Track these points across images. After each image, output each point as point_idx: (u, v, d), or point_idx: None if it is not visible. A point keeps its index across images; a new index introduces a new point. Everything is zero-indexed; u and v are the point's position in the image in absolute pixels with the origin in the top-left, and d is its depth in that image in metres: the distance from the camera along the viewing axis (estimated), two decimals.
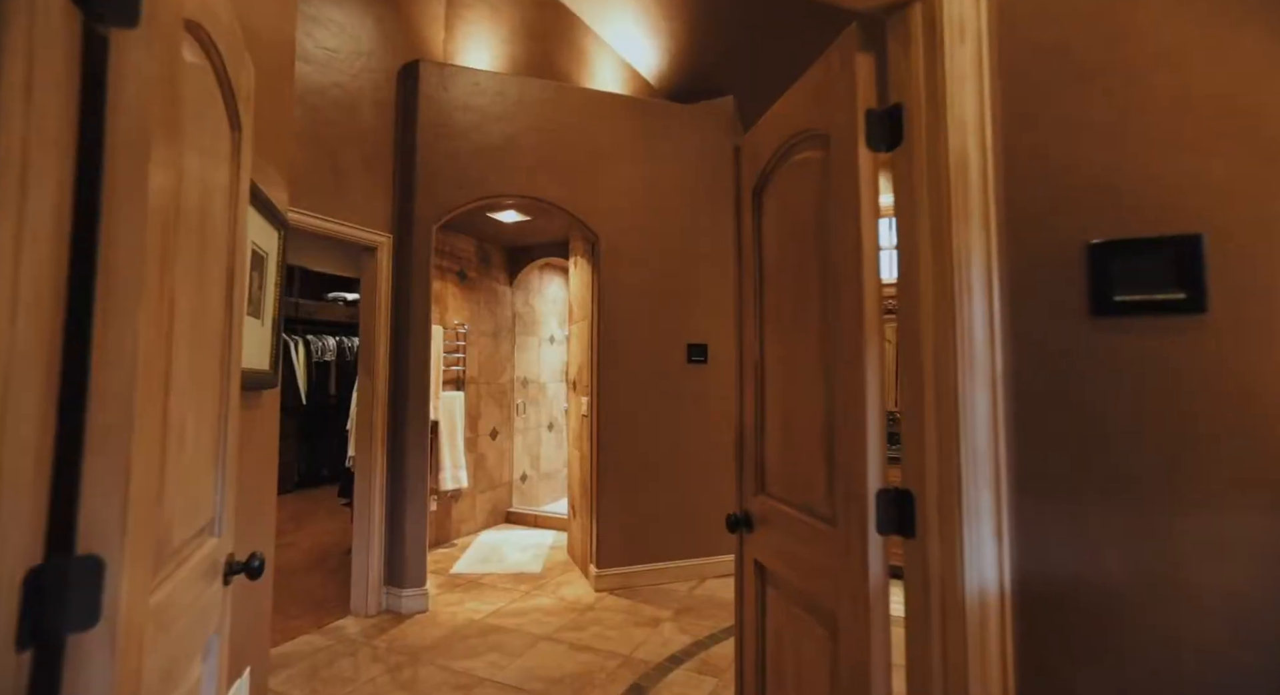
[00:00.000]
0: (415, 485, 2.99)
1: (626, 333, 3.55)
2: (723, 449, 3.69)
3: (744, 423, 1.57)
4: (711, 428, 3.68)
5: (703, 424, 3.66)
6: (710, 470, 3.65)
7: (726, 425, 3.71)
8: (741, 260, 1.64)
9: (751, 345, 1.58)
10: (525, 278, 5.27)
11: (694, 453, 3.63)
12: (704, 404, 3.68)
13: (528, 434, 5.29)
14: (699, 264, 3.74)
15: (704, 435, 3.66)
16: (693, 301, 3.71)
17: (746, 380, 1.58)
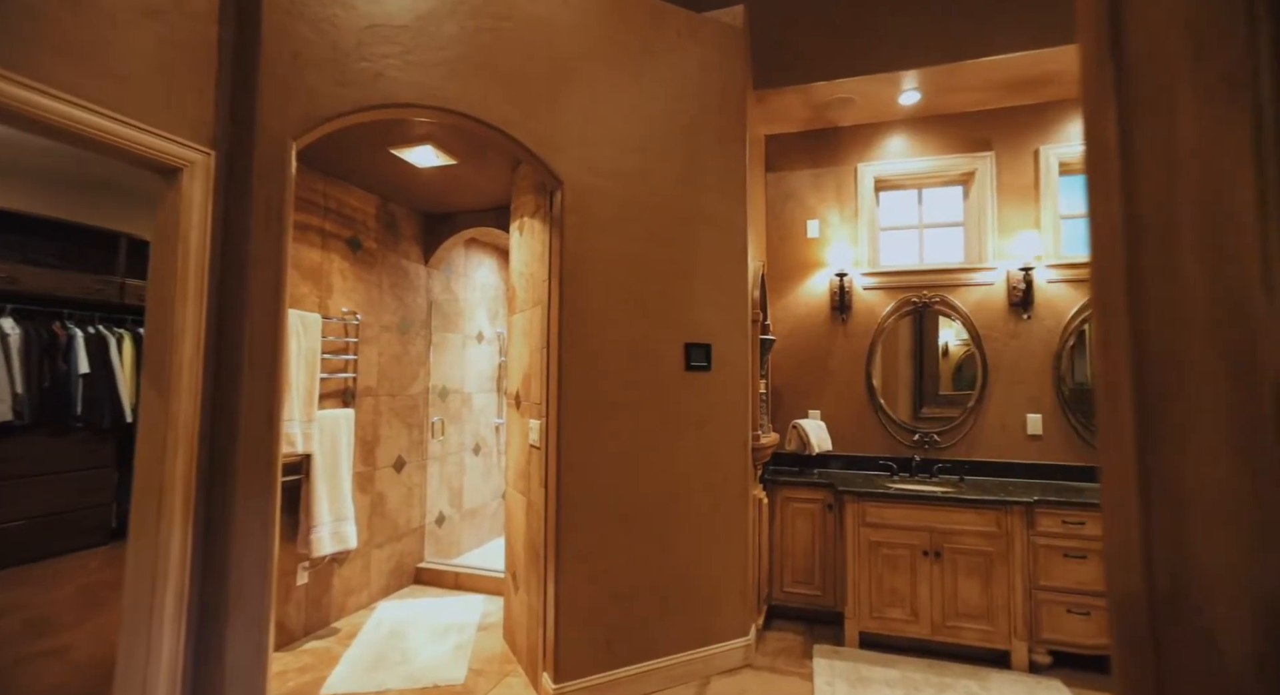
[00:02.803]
0: (247, 581, 1.71)
1: (600, 326, 2.43)
2: (732, 487, 2.65)
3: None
4: (717, 459, 2.63)
5: (706, 455, 2.60)
6: (716, 519, 2.60)
7: (737, 455, 2.67)
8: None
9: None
10: (448, 255, 4.00)
11: (693, 497, 2.56)
12: (708, 428, 2.62)
13: (446, 462, 4.01)
14: (701, 229, 2.68)
15: (707, 471, 2.60)
16: (693, 282, 2.65)
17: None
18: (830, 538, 3.07)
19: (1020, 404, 3.20)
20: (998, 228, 3.28)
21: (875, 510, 2.84)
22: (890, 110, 3.37)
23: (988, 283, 3.28)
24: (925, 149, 3.43)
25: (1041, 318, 3.19)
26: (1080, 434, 3.10)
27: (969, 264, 3.34)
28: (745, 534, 2.69)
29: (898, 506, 2.81)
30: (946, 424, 3.29)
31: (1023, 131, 3.28)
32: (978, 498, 2.71)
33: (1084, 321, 3.12)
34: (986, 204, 3.30)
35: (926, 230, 3.55)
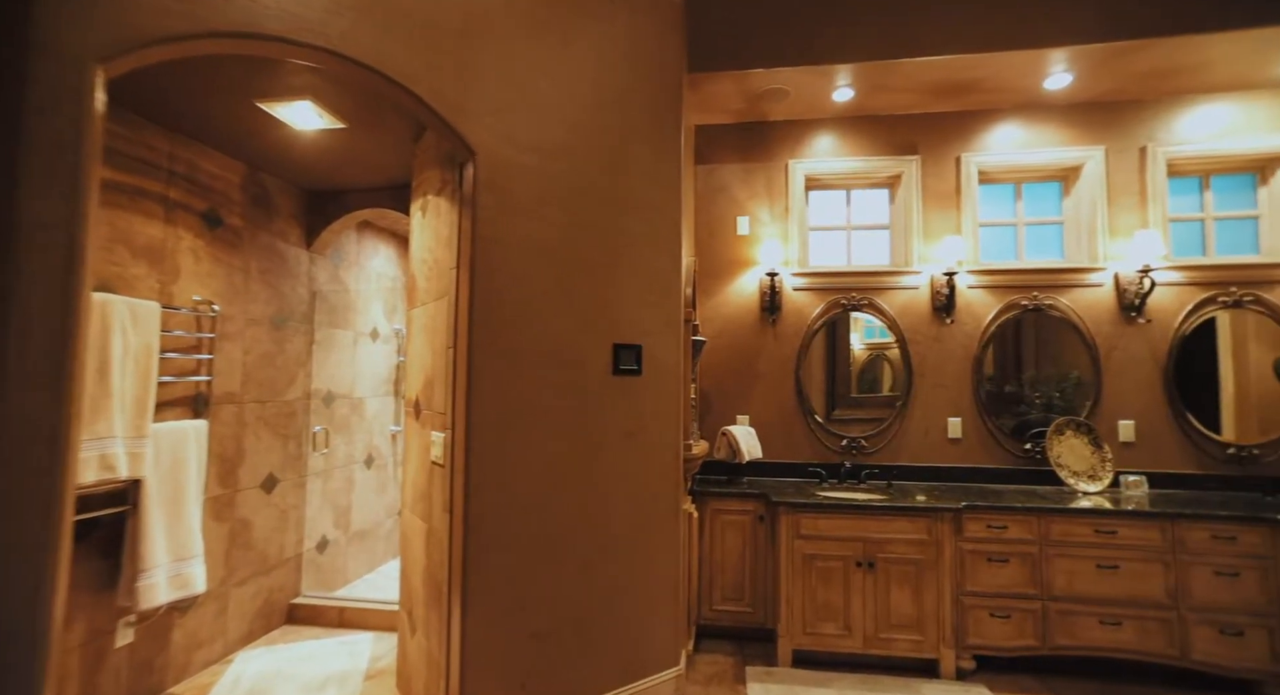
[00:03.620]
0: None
1: (518, 322, 2.10)
2: (663, 504, 2.40)
3: None
4: (648, 473, 2.37)
5: (635, 469, 2.33)
6: (646, 540, 2.34)
7: (668, 468, 2.43)
8: None
9: None
10: (336, 239, 3.46)
11: (622, 516, 2.29)
12: (638, 438, 2.35)
13: (331, 477, 3.47)
14: (632, 218, 2.41)
15: (637, 486, 2.33)
16: (623, 276, 2.37)
17: None
18: (761, 551, 2.91)
19: (942, 408, 3.21)
20: (923, 232, 3.29)
21: (810, 521, 2.71)
22: (823, 107, 3.29)
23: (913, 286, 3.27)
24: (854, 149, 3.38)
25: (962, 322, 3.22)
26: (996, 437, 3.16)
27: (895, 267, 3.32)
28: (677, 554, 2.45)
29: (832, 517, 2.69)
30: (876, 426, 3.25)
31: (946, 138, 3.30)
32: (910, 505, 2.65)
33: (1000, 326, 3.19)
34: (912, 208, 3.29)
35: (854, 232, 3.51)
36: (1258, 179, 3.21)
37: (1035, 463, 3.10)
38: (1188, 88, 3.07)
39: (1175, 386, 3.04)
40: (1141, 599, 2.56)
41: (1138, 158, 3.15)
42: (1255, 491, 2.94)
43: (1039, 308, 3.16)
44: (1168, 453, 3.04)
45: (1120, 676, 2.64)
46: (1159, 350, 3.08)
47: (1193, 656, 2.53)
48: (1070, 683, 2.59)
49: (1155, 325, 3.08)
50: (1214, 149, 3.10)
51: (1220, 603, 2.52)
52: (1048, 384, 3.14)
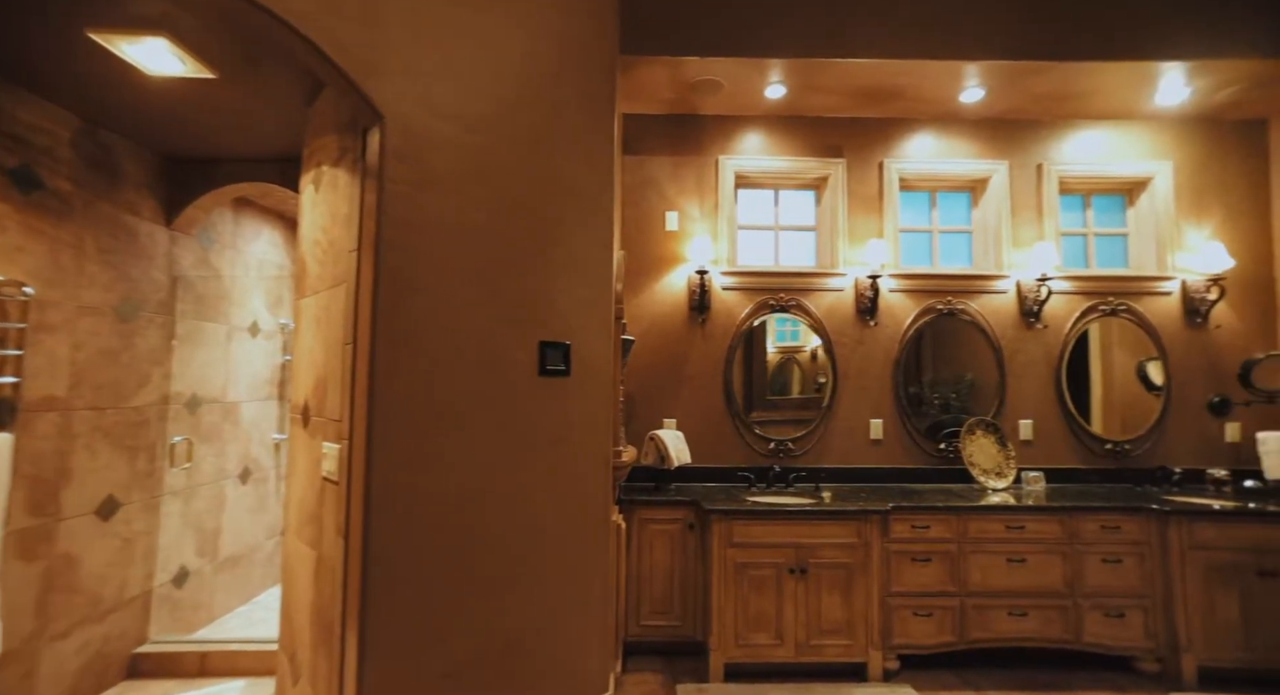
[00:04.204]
0: None
1: (433, 315, 1.82)
2: (592, 516, 2.19)
3: None
4: (576, 484, 2.15)
5: (563, 480, 2.11)
6: (573, 557, 2.12)
7: (598, 477, 2.23)
8: None
9: None
10: (205, 217, 2.94)
11: (548, 533, 2.06)
12: (566, 446, 2.13)
13: (195, 496, 2.94)
14: (563, 204, 2.19)
15: (564, 499, 2.11)
16: (553, 267, 2.15)
17: None
18: (691, 560, 2.79)
19: (865, 409, 3.26)
20: (848, 235, 3.33)
21: (742, 528, 2.62)
22: (754, 103, 3.23)
23: (839, 288, 3.30)
24: (783, 149, 3.37)
25: (885, 325, 3.29)
26: (914, 437, 3.25)
27: (822, 269, 3.33)
28: (608, 570, 2.26)
29: (765, 523, 2.62)
30: (803, 428, 3.24)
31: (870, 143, 3.37)
32: (841, 509, 2.63)
33: (918, 330, 3.29)
34: (838, 210, 3.32)
35: (782, 233, 3.49)
36: (1126, 200, 3.54)
37: (949, 462, 3.22)
38: (1077, 112, 3.32)
39: (1065, 388, 3.28)
40: (1044, 589, 2.70)
41: (1035, 174, 3.37)
42: (1129, 482, 3.23)
43: (952, 312, 3.29)
44: (1060, 449, 3.27)
45: (1025, 663, 2.78)
46: (1052, 354, 3.30)
47: (1084, 639, 2.70)
48: (983, 674, 2.68)
49: (1050, 331, 3.31)
50: (1095, 171, 3.38)
51: (1106, 588, 2.72)
52: (945, 386, 3.27)
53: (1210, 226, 3.39)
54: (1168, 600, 2.70)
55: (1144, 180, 3.43)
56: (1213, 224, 3.39)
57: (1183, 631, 2.66)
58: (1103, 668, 2.76)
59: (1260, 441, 3.18)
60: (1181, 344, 3.33)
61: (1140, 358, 3.34)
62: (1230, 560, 2.69)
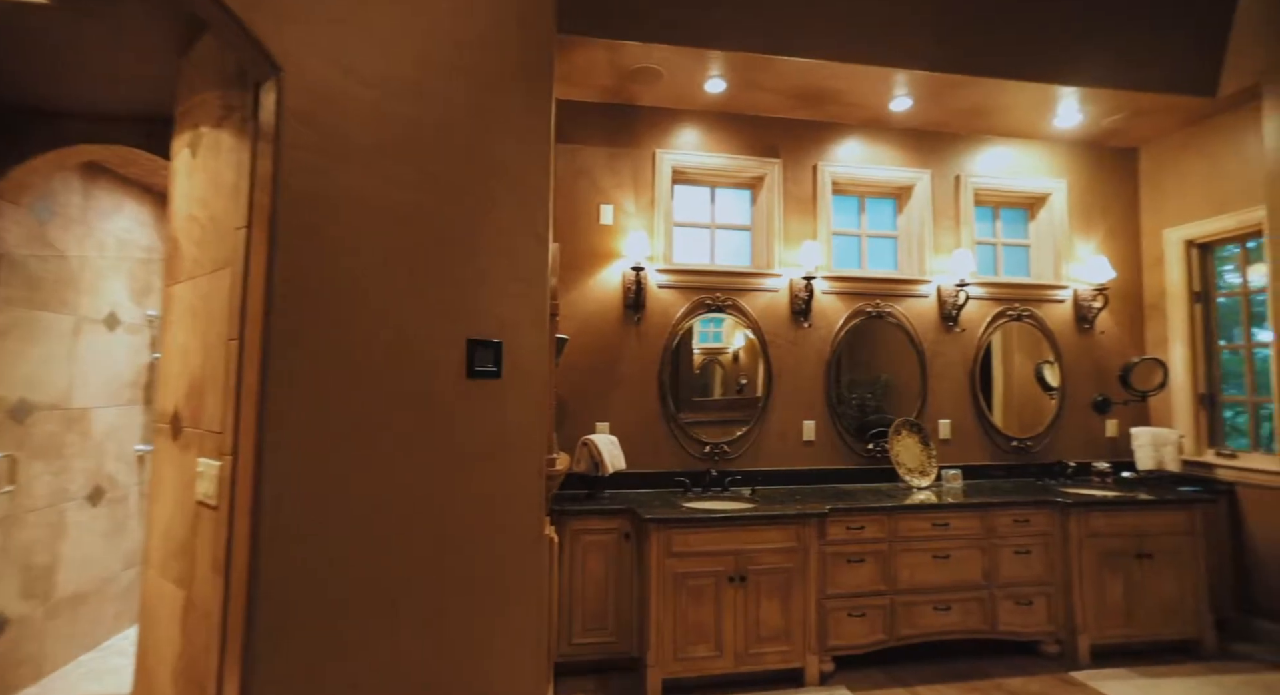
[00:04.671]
0: None
1: (344, 307, 1.56)
2: (525, 533, 1.99)
3: None
4: (509, 498, 1.94)
5: (493, 494, 1.89)
6: (505, 581, 1.90)
7: (531, 489, 2.02)
8: None
9: None
10: (42, 183, 2.42)
11: (477, 555, 1.83)
12: (497, 456, 1.91)
13: (22, 524, 2.42)
14: (496, 187, 1.97)
15: (495, 515, 1.89)
16: (483, 256, 1.92)
17: None
18: (627, 573, 2.65)
19: (798, 410, 3.27)
20: (783, 236, 3.32)
21: (681, 537, 2.51)
22: (693, 97, 3.14)
23: (774, 289, 3.29)
24: (720, 146, 3.30)
25: (818, 326, 3.31)
26: (844, 438, 3.30)
27: (758, 269, 3.30)
28: (541, 593, 2.06)
29: (705, 531, 2.52)
30: (738, 429, 3.18)
31: (806, 145, 3.38)
32: (780, 513, 2.59)
33: (849, 332, 3.34)
34: (774, 211, 3.31)
35: (717, 232, 3.43)
36: (1029, 214, 3.81)
37: (876, 461, 3.29)
38: (991, 129, 3.52)
39: (979, 389, 3.46)
40: (966, 583, 2.81)
41: (954, 185, 3.53)
42: (1031, 477, 3.46)
43: (880, 314, 3.37)
44: (974, 447, 3.44)
45: (946, 655, 2.88)
46: (968, 356, 3.47)
47: (999, 628, 2.83)
48: (910, 669, 2.75)
49: (966, 334, 3.48)
50: (1004, 185, 3.60)
51: (1018, 578, 2.87)
52: (862, 387, 3.35)
53: (1096, 241, 3.71)
54: (1067, 586, 2.89)
55: (1043, 196, 3.69)
56: (1098, 239, 3.72)
57: (1079, 614, 2.86)
58: (1013, 653, 2.91)
59: (1134, 436, 3.52)
60: (1073, 348, 3.61)
61: (1038, 361, 3.59)
62: (1117, 546, 2.93)
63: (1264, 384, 3.30)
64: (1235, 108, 3.28)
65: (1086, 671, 2.77)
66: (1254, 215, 3.20)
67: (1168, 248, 3.63)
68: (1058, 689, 2.62)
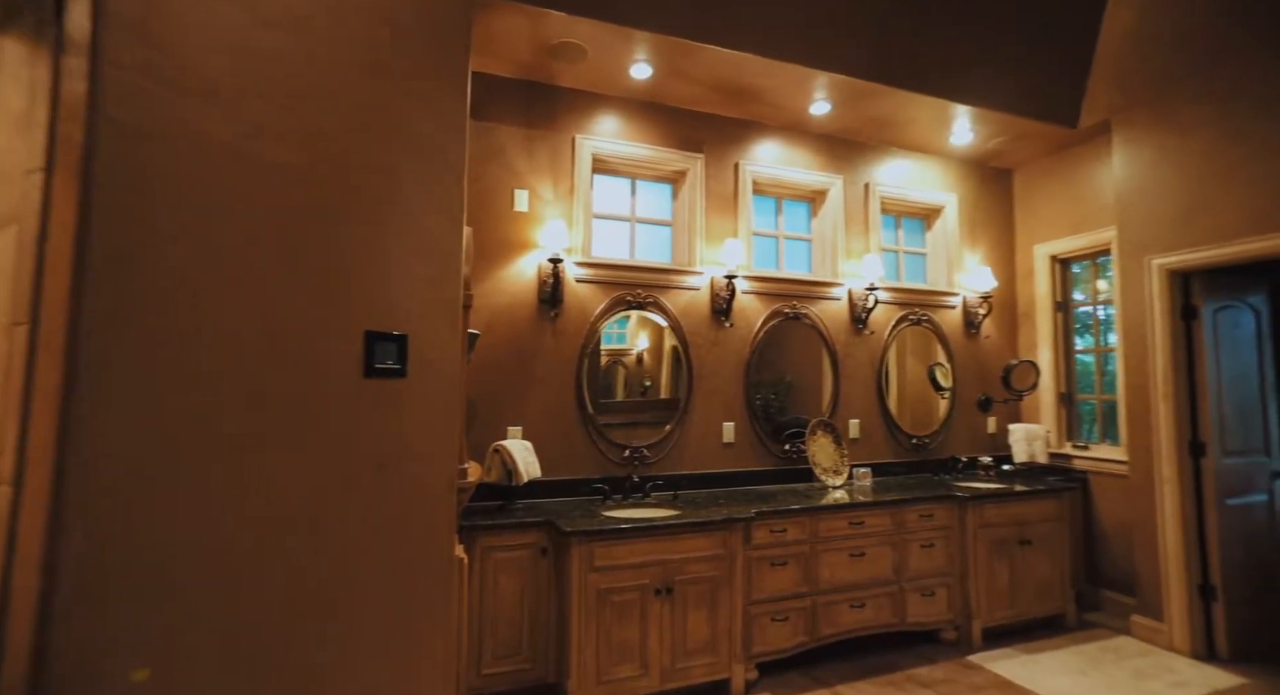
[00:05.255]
0: None
1: (192, 284, 1.21)
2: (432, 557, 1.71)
3: None
4: (413, 518, 1.65)
5: (395, 514, 1.59)
6: (410, 615, 1.61)
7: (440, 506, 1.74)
8: None
9: None
10: None
11: (375, 588, 1.53)
12: (399, 469, 1.62)
13: None
14: (401, 155, 1.67)
15: (397, 540, 1.60)
16: (387, 233, 1.62)
17: None
18: (544, 591, 2.41)
19: (718, 412, 3.20)
20: (705, 233, 3.24)
21: (605, 550, 2.32)
22: (617, 82, 2.97)
23: (695, 287, 3.20)
24: (643, 136, 3.16)
25: (738, 326, 3.27)
26: (762, 439, 3.27)
27: (680, 266, 3.19)
28: (450, 624, 1.78)
29: (630, 542, 2.35)
30: (658, 432, 3.05)
31: (728, 142, 3.33)
32: (707, 519, 2.48)
33: (768, 332, 3.33)
34: (696, 207, 3.22)
35: (638, 226, 3.28)
36: (925, 224, 4.05)
37: (793, 462, 3.30)
38: (897, 140, 3.68)
39: (885, 389, 3.60)
40: (879, 579, 2.87)
41: (864, 192, 3.66)
42: (929, 472, 3.66)
43: (798, 316, 3.39)
44: (880, 445, 3.57)
45: (860, 651, 2.92)
46: (875, 357, 3.60)
47: (908, 620, 2.93)
48: (829, 669, 2.76)
49: (875, 336, 3.60)
50: (905, 195, 3.79)
51: (923, 570, 2.99)
52: (766, 387, 3.36)
53: (981, 253, 4.02)
54: (964, 575, 3.06)
55: (938, 208, 3.94)
56: (983, 251, 4.03)
57: (974, 601, 3.04)
58: (917, 643, 3.03)
59: (1010, 432, 3.84)
60: (962, 351, 3.88)
61: (930, 362, 3.81)
62: (1004, 535, 3.14)
63: (1110, 383, 3.72)
64: (1091, 139, 3.67)
65: (981, 654, 2.94)
66: (1104, 235, 3.61)
67: (1037, 261, 4.00)
68: (961, 674, 2.74)
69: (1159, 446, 3.12)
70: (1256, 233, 2.79)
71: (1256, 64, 2.81)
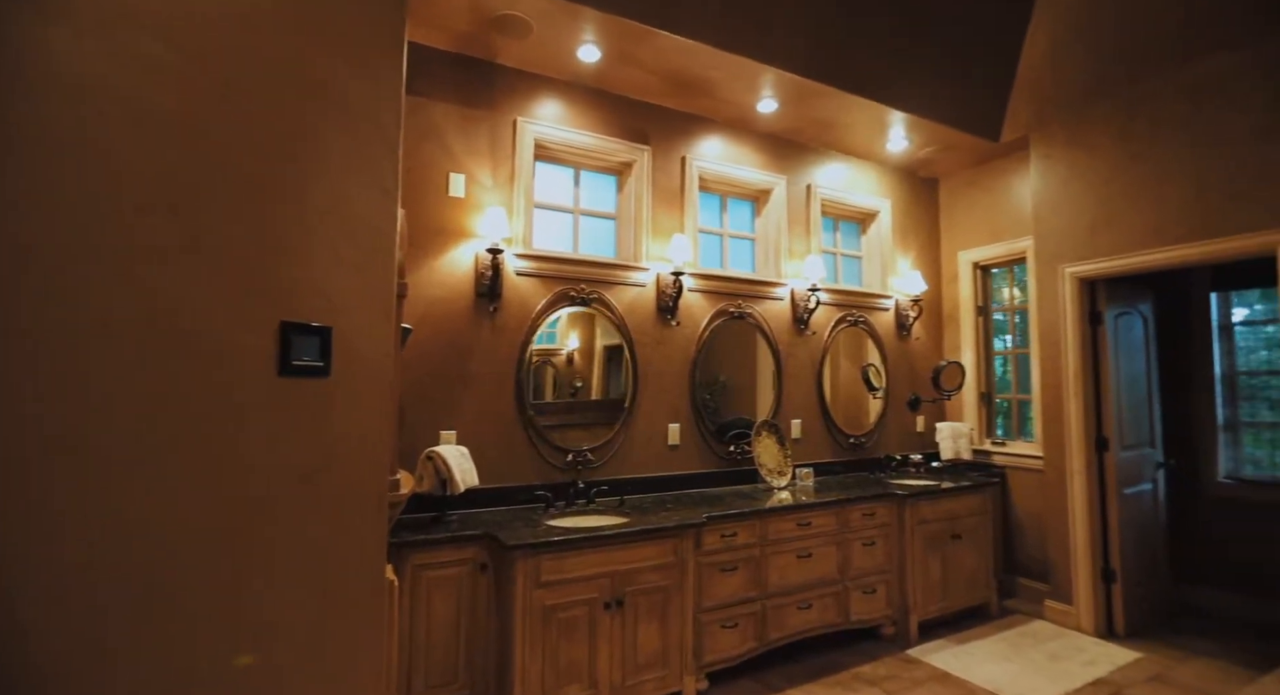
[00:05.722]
0: None
1: (56, 263, 0.95)
2: (360, 581, 1.48)
3: None
4: (343, 536, 1.42)
5: (325, 531, 1.36)
6: (345, 646, 1.38)
7: (369, 522, 1.52)
8: None
9: None
10: None
11: (298, 619, 1.29)
12: (327, 479, 1.38)
13: None
14: (325, 118, 1.45)
15: (319, 564, 1.36)
16: (307, 209, 1.39)
17: None
18: (482, 612, 2.21)
19: (664, 413, 3.10)
20: (652, 228, 3.13)
21: (553, 563, 2.15)
22: (563, 64, 2.81)
23: (641, 284, 3.08)
24: (589, 124, 3.01)
25: (684, 325, 3.18)
26: (707, 440, 3.21)
27: (625, 262, 3.07)
28: (379, 658, 1.56)
29: (579, 554, 2.20)
30: (602, 434, 2.90)
31: (676, 135, 3.24)
32: (659, 526, 2.37)
33: (713, 331, 3.27)
34: (643, 200, 3.11)
35: (581, 219, 3.13)
36: (861, 228, 4.15)
37: (737, 463, 3.26)
38: (837, 144, 3.74)
39: (825, 389, 3.64)
40: (825, 579, 2.87)
41: (806, 193, 3.69)
42: (865, 471, 3.73)
43: (742, 315, 3.36)
44: (821, 445, 3.61)
45: (806, 652, 2.91)
46: (815, 357, 3.64)
47: (851, 618, 2.95)
48: (778, 672, 2.72)
49: (816, 337, 3.63)
50: (844, 198, 3.86)
51: (865, 568, 3.02)
52: (702, 388, 3.29)
53: (911, 257, 4.17)
54: (902, 571, 3.13)
55: (874, 212, 4.04)
56: (913, 255, 4.18)
57: (911, 595, 3.11)
58: (859, 640, 3.06)
59: (937, 430, 4.00)
60: (895, 352, 4.00)
61: (864, 363, 3.91)
62: (938, 530, 3.25)
63: (1024, 383, 3.97)
64: (1011, 154, 3.90)
65: (918, 648, 3.01)
66: (1020, 244, 3.84)
67: (960, 267, 4.21)
68: (902, 669, 2.79)
69: (1070, 441, 3.34)
70: (1150, 246, 3.04)
71: (1151, 93, 3.06)
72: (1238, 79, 2.78)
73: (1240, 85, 2.77)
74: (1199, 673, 2.83)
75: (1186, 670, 2.86)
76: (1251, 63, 2.74)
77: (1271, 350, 3.73)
